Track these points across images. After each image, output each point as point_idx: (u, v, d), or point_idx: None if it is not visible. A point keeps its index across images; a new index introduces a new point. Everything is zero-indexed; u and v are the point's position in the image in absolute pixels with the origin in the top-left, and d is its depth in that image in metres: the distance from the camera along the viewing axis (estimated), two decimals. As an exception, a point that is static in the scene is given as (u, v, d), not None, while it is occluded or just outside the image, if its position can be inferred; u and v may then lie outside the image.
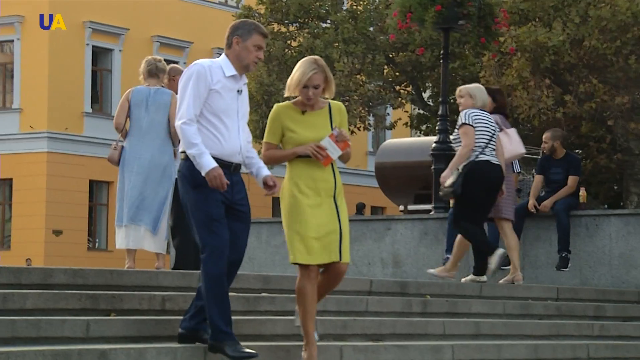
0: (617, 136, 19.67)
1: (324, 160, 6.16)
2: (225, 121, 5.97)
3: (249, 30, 6.02)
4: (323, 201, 6.21)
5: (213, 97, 5.93)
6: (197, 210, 5.90)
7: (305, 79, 6.15)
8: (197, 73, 5.94)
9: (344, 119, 6.37)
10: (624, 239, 11.09)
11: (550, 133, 11.49)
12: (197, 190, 5.89)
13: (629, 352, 8.52)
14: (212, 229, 5.86)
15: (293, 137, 6.22)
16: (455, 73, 22.58)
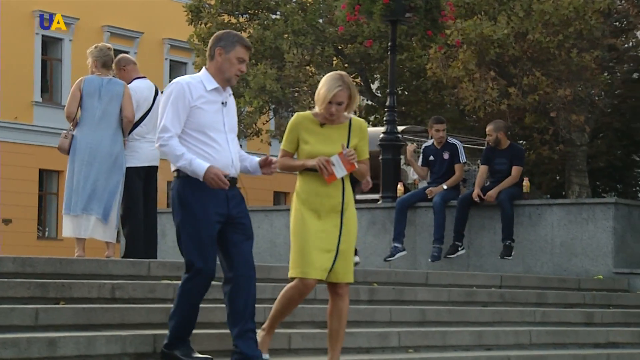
0: (560, 128, 19.86)
1: (328, 177, 5.99)
2: (212, 136, 5.78)
3: (232, 42, 5.85)
4: (325, 218, 6.04)
5: (195, 113, 5.76)
6: (185, 230, 5.76)
7: (330, 95, 6.00)
8: (176, 92, 5.77)
9: (365, 136, 6.19)
10: (566, 227, 11.22)
11: (493, 125, 11.59)
12: (187, 210, 5.74)
13: (569, 337, 8.64)
14: (200, 251, 5.72)
15: (305, 148, 6.10)
16: (403, 65, 22.65)
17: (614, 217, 11.00)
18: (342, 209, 6.07)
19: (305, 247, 5.98)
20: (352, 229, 6.13)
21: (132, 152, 8.98)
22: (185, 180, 5.75)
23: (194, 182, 5.71)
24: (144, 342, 5.98)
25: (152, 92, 9.21)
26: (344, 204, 6.08)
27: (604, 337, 8.90)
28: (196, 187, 5.71)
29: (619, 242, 11.01)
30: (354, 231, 6.15)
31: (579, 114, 19.44)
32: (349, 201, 6.11)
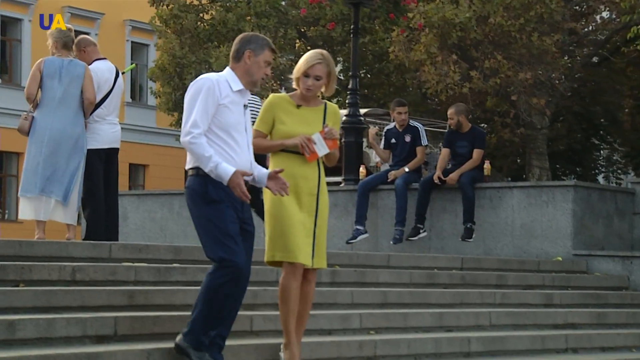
0: (521, 111, 19.97)
1: (309, 155, 5.96)
2: (235, 137, 5.69)
3: (261, 46, 5.78)
4: (302, 201, 6.00)
5: (222, 112, 5.66)
6: (212, 226, 5.61)
7: (308, 66, 6.00)
8: (206, 87, 5.64)
9: (338, 121, 6.19)
10: (526, 210, 11.30)
11: (454, 109, 11.63)
12: (211, 207, 5.61)
13: (529, 319, 8.71)
14: (228, 244, 5.58)
15: (282, 128, 6.05)
16: (366, 48, 22.64)
17: (573, 200, 11.10)
18: (317, 192, 6.04)
19: (289, 230, 5.91)
20: (326, 214, 6.10)
21: (93, 134, 8.92)
22: (207, 179, 5.61)
23: (214, 181, 5.61)
24: (104, 325, 5.95)
25: (112, 73, 9.15)
26: (319, 186, 6.06)
27: (563, 318, 8.99)
28: (218, 185, 5.61)
29: (578, 224, 11.11)
30: (327, 216, 6.11)
31: (539, 98, 19.55)
32: (323, 184, 6.09)
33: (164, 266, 7.21)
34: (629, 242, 11.83)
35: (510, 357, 7.69)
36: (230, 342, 6.25)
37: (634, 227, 11.89)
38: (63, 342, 5.72)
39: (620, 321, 9.47)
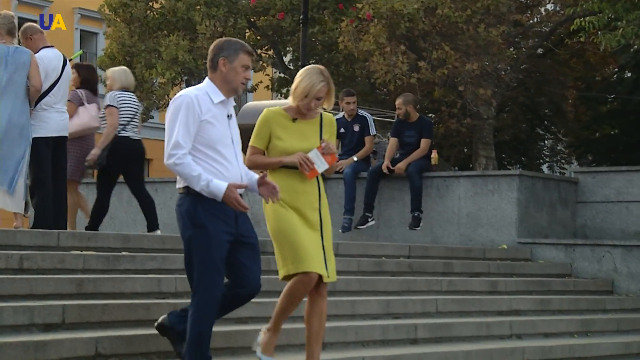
0: (467, 101, 20.12)
1: (309, 173, 5.82)
2: (222, 151, 5.47)
3: (235, 51, 5.54)
4: (306, 215, 5.83)
5: (205, 128, 5.43)
6: (198, 251, 5.43)
7: (314, 91, 5.80)
8: (185, 105, 5.42)
9: (334, 131, 6.04)
10: (472, 199, 11.39)
11: (402, 99, 11.68)
12: (198, 230, 5.43)
13: (474, 306, 8.79)
14: (212, 276, 5.41)
15: (279, 144, 5.86)
16: (315, 38, 22.64)
17: (518, 189, 11.21)
18: (319, 206, 5.90)
19: (298, 241, 5.74)
20: (330, 226, 5.96)
21: (41, 122, 8.80)
22: (197, 199, 5.43)
23: (205, 200, 5.43)
24: (52, 313, 5.89)
25: (60, 61, 9.03)
26: (320, 200, 5.92)
27: (507, 305, 9.07)
28: (208, 206, 5.42)
29: (523, 212, 11.22)
30: (331, 229, 5.97)
31: (486, 88, 19.71)
32: (324, 197, 5.96)
33: (112, 254, 7.16)
34: (571, 230, 11.98)
35: (456, 343, 7.75)
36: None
37: (577, 216, 12.04)
38: (10, 331, 5.65)
39: (563, 308, 9.60)
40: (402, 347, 7.31)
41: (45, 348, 5.49)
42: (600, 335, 9.11)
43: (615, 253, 10.80)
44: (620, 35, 13.25)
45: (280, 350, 6.34)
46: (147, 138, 35.47)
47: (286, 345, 6.54)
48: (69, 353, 5.58)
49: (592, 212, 11.98)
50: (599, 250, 10.89)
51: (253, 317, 6.74)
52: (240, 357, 6.20)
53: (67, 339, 5.63)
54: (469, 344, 7.82)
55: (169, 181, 13.33)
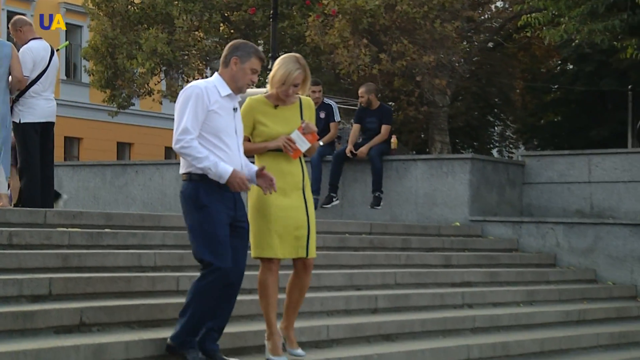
0: (424, 91, 20.15)
1: (293, 153, 5.75)
2: (226, 140, 5.44)
3: (248, 53, 5.51)
4: (291, 195, 5.77)
5: (212, 117, 5.40)
6: (202, 231, 5.36)
7: (291, 78, 5.74)
8: (195, 95, 5.38)
9: (312, 113, 5.98)
10: (428, 180, 11.41)
11: (364, 88, 11.67)
12: (202, 212, 5.36)
13: (430, 278, 8.82)
14: (217, 251, 5.33)
15: (265, 130, 5.78)
16: (284, 32, 22.56)
17: (470, 171, 11.24)
18: (302, 186, 5.85)
19: (269, 227, 5.68)
20: (312, 204, 5.91)
21: (29, 108, 8.71)
22: (199, 184, 5.38)
23: (206, 185, 5.38)
24: (40, 285, 5.84)
25: (48, 52, 8.93)
26: (304, 180, 5.88)
27: (460, 278, 9.11)
28: (209, 190, 5.38)
29: (474, 193, 11.27)
30: (313, 206, 5.92)
31: (441, 79, 19.75)
32: (307, 178, 5.91)
33: (96, 231, 7.11)
34: (518, 208, 12.05)
35: (413, 312, 7.78)
36: (157, 300, 6.22)
37: (523, 196, 12.11)
38: (0, 302, 5.60)
39: (510, 279, 9.65)
40: (363, 316, 7.32)
41: (33, 317, 5.46)
42: (543, 304, 9.17)
43: (558, 229, 10.88)
44: (563, 31, 13.31)
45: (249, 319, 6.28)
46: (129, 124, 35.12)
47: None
48: (56, 322, 5.54)
49: (537, 192, 12.05)
50: (543, 227, 10.96)
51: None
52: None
53: (53, 309, 5.59)
54: (424, 313, 7.85)
55: (148, 164, 13.26)
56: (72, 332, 5.57)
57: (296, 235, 5.78)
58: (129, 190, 12.97)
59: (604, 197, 11.63)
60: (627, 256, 10.49)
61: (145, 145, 32.38)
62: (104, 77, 22.96)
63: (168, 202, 12.63)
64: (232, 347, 5.91)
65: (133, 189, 12.93)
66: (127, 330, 5.78)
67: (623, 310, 9.58)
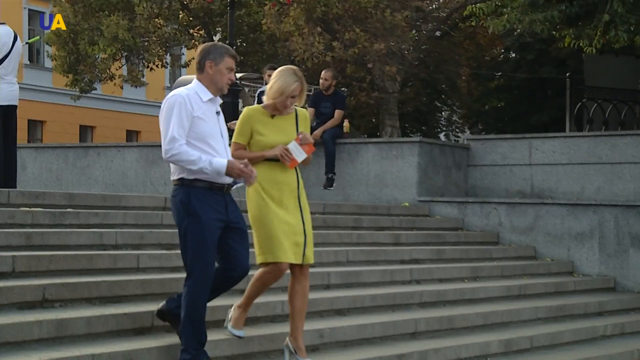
0: (375, 77, 20.18)
1: (290, 163, 5.65)
2: (212, 144, 5.32)
3: (220, 54, 5.39)
4: (288, 204, 5.66)
5: (197, 123, 5.28)
6: (192, 237, 5.24)
7: (289, 90, 5.63)
8: (178, 103, 5.26)
9: (308, 124, 5.86)
10: (379, 163, 11.45)
11: (330, 72, 11.75)
12: (192, 219, 5.25)
13: (380, 256, 8.85)
14: (205, 260, 5.24)
15: (262, 139, 5.67)
16: (242, 20, 22.41)
17: (418, 154, 11.29)
18: (298, 193, 5.76)
19: (275, 233, 5.57)
20: (308, 211, 5.82)
21: (-8, 92, 8.56)
22: (190, 189, 5.27)
23: (198, 190, 5.27)
24: (3, 263, 5.75)
25: (11, 37, 8.78)
26: (299, 189, 5.78)
27: (409, 255, 9.16)
28: (200, 195, 5.27)
29: (422, 174, 11.32)
30: (309, 212, 5.83)
31: (391, 66, 19.78)
32: (302, 186, 5.82)
33: (58, 211, 7.02)
34: (464, 189, 12.14)
35: (363, 288, 7.81)
36: (118, 277, 6.16)
37: (468, 177, 12.20)
38: (-35, 280, 5.52)
39: (456, 257, 9.73)
40: (317, 292, 7.32)
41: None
42: (486, 280, 9.26)
43: (501, 209, 10.99)
44: (506, 20, 13.38)
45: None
46: (91, 107, 34.66)
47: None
48: (19, 298, 5.47)
49: (481, 174, 12.15)
50: (487, 207, 11.05)
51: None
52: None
53: (16, 286, 5.51)
54: (375, 288, 7.88)
55: (110, 146, 13.13)
56: (35, 308, 5.50)
57: (295, 241, 5.65)
58: (91, 171, 12.83)
59: (543, 179, 11.77)
60: (564, 234, 10.63)
61: (107, 129, 32.04)
62: (67, 62, 22.63)
63: (129, 184, 12.51)
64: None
65: (95, 171, 12.79)
66: (88, 306, 5.73)
67: (560, 285, 9.72)
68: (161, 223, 7.73)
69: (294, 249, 5.64)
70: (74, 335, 5.28)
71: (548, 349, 7.78)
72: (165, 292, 6.21)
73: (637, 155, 11.31)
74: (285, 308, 6.60)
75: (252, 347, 5.86)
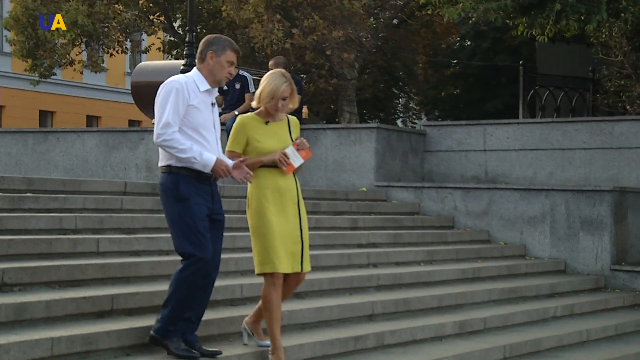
0: (334, 64, 20.16)
1: (287, 168, 5.58)
2: (205, 135, 5.27)
3: (223, 47, 5.37)
4: (288, 211, 5.60)
5: (191, 112, 5.23)
6: (182, 223, 5.17)
7: (279, 92, 5.57)
8: (175, 90, 5.20)
9: (298, 131, 5.81)
10: (337, 148, 11.46)
11: (273, 61, 11.68)
12: (182, 204, 5.18)
13: (338, 240, 8.87)
14: (198, 241, 5.17)
15: (258, 146, 5.58)
16: (201, 6, 22.22)
17: (376, 140, 11.32)
18: (297, 200, 5.69)
19: (272, 244, 5.50)
20: (306, 218, 5.77)
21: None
22: (178, 176, 5.21)
23: (185, 178, 5.21)
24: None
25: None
26: (298, 195, 5.72)
27: (366, 239, 9.19)
28: (188, 183, 5.21)
29: (380, 160, 11.36)
30: (306, 220, 5.78)
31: (349, 53, 19.77)
32: (300, 193, 5.76)
33: (18, 195, 6.93)
34: (420, 175, 12.21)
35: (322, 272, 7.82)
36: (78, 261, 6.10)
37: (425, 163, 12.27)
38: None
39: (412, 241, 9.79)
40: (275, 275, 7.32)
41: (-45, 279, 5.30)
42: (442, 263, 9.33)
43: (456, 194, 11.07)
44: (461, 9, 13.42)
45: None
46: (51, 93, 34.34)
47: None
48: (-22, 284, 5.40)
49: (437, 159, 12.22)
50: (443, 192, 11.13)
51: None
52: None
53: (-25, 271, 5.44)
54: (333, 272, 7.90)
55: (70, 131, 12.97)
56: (-6, 293, 5.44)
57: (292, 250, 5.60)
58: (50, 156, 12.67)
59: (497, 164, 11.87)
60: (517, 218, 10.74)
61: (67, 114, 31.65)
62: (26, 47, 22.27)
63: (89, 169, 12.38)
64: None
65: (55, 156, 12.63)
66: (48, 290, 5.67)
67: (513, 267, 9.82)
68: (121, 208, 7.66)
69: (291, 258, 5.59)
70: (33, 319, 5.22)
71: (501, 329, 7.87)
72: (125, 276, 6.18)
73: (587, 141, 11.45)
74: (244, 291, 6.60)
75: (212, 329, 5.85)
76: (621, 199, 10.44)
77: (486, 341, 7.30)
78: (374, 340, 6.67)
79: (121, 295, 5.72)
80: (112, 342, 5.23)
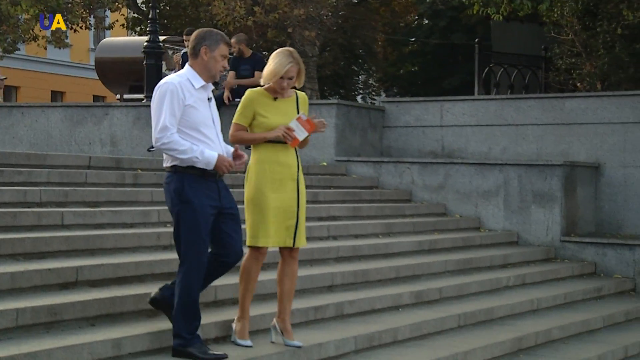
0: (295, 41, 20.07)
1: (292, 142, 5.47)
2: (205, 132, 5.16)
3: (216, 41, 5.21)
4: (286, 186, 5.50)
5: (189, 112, 5.11)
6: (185, 224, 5.09)
7: (283, 71, 5.45)
8: (170, 91, 5.07)
9: (307, 107, 5.72)
10: (298, 124, 11.42)
11: (235, 38, 11.65)
12: (185, 206, 5.08)
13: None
14: (198, 247, 5.10)
15: (264, 121, 5.49)
16: (165, -17, 21.97)
17: (336, 116, 11.32)
18: (297, 177, 5.60)
19: (264, 219, 5.43)
20: (304, 195, 5.66)
21: None
22: (183, 176, 5.10)
23: (191, 178, 5.10)
24: None
25: None
26: (299, 171, 5.64)
27: (326, 212, 9.22)
28: (193, 183, 5.10)
29: (340, 135, 11.37)
30: (305, 196, 5.67)
31: (311, 31, 19.70)
32: (301, 170, 5.67)
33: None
34: (379, 150, 12.24)
35: (283, 244, 7.81)
36: (43, 234, 6.04)
37: (384, 138, 12.31)
38: None
39: (371, 214, 9.83)
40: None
41: None
42: (400, 235, 9.39)
43: (414, 169, 11.12)
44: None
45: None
46: (15, 68, 33.71)
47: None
48: (-57, 256, 5.32)
49: (396, 135, 12.26)
50: (401, 167, 11.18)
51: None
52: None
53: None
54: (293, 243, 7.89)
55: (34, 106, 12.80)
56: (-41, 266, 5.37)
57: (287, 225, 5.51)
58: (15, 131, 12.49)
59: (453, 140, 11.94)
60: (472, 192, 10.83)
61: (31, 89, 31.19)
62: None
63: (54, 143, 12.24)
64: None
65: (19, 130, 12.46)
66: (12, 262, 5.60)
67: (468, 239, 9.92)
68: (85, 181, 7.59)
69: (285, 232, 5.51)
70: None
71: (456, 299, 7.96)
72: (89, 248, 6.14)
73: (539, 117, 11.56)
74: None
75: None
76: (571, 173, 10.58)
77: (441, 310, 7.37)
78: (333, 310, 6.70)
79: (85, 267, 5.68)
80: (76, 313, 5.20)
